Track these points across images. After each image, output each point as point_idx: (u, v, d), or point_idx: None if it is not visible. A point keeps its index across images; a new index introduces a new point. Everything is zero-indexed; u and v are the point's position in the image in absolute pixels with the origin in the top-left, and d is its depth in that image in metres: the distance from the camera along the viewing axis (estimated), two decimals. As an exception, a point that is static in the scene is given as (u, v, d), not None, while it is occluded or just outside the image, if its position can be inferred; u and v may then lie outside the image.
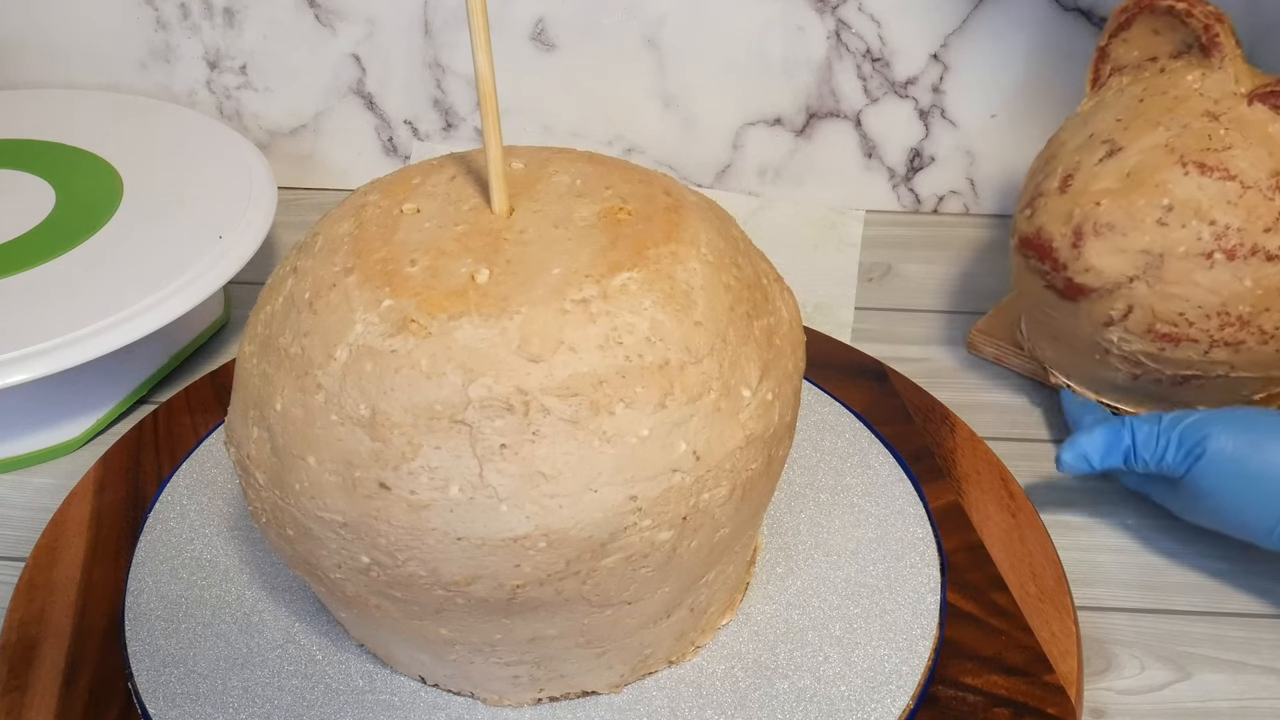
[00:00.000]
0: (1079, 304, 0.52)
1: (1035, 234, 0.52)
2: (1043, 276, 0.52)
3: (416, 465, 0.34)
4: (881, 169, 0.75)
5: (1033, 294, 0.54)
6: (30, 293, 0.56)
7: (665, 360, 0.35)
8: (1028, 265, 0.53)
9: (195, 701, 0.42)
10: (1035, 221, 0.53)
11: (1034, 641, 0.44)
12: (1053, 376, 0.57)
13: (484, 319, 0.34)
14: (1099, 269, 0.50)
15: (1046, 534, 0.49)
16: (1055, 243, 0.51)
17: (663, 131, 0.75)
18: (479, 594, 0.35)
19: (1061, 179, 0.52)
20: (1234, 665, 0.46)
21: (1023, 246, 0.53)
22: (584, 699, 0.42)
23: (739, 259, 0.39)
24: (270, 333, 0.38)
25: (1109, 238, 0.50)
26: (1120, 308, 0.51)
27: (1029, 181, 0.55)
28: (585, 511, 0.34)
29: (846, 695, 0.42)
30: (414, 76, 0.74)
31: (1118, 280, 0.50)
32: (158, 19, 0.74)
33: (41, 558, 0.48)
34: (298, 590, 0.46)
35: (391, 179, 0.41)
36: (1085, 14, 0.68)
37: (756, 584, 0.46)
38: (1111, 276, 0.50)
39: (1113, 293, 0.50)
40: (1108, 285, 0.50)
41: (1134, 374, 0.53)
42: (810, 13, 0.69)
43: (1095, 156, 0.52)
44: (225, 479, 0.51)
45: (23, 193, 0.63)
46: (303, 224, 0.73)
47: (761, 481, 0.38)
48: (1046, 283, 0.52)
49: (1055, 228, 0.51)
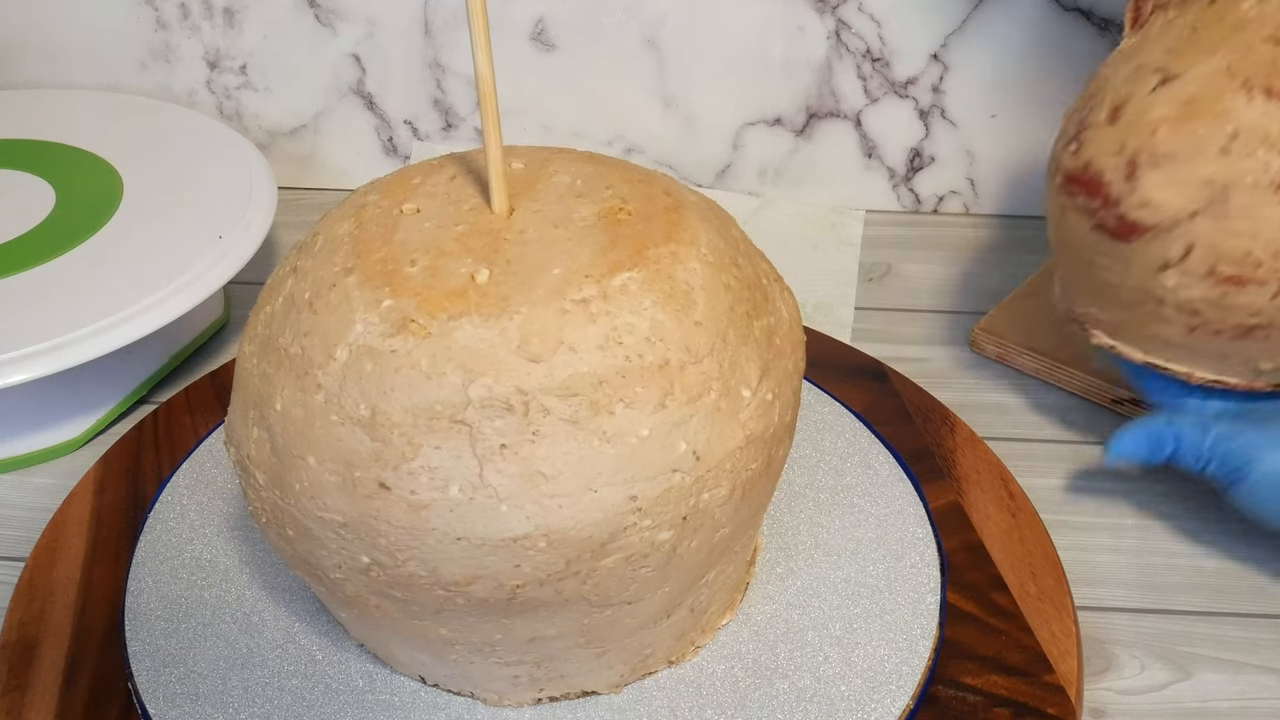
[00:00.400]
0: (1131, 245, 0.47)
1: (1083, 169, 0.48)
2: (1091, 216, 0.48)
3: (416, 465, 0.34)
4: (881, 169, 0.75)
5: (1076, 240, 0.50)
6: (30, 293, 0.56)
7: (665, 360, 0.35)
8: (1074, 205, 0.49)
9: (195, 701, 0.42)
10: (1083, 155, 0.48)
11: (1034, 641, 0.44)
12: (1094, 337, 0.52)
13: (484, 319, 0.34)
14: (1156, 203, 0.46)
15: (1046, 534, 0.49)
16: (1106, 176, 0.47)
17: (663, 131, 0.75)
18: (479, 594, 0.35)
19: (1110, 110, 0.48)
20: (1234, 665, 0.46)
21: (1068, 184, 0.49)
22: (584, 699, 0.42)
23: (739, 259, 0.39)
24: (270, 333, 0.38)
25: (1167, 169, 0.45)
26: (1179, 248, 0.46)
27: (1069, 120, 0.51)
28: (585, 511, 0.34)
29: (846, 695, 0.42)
30: (414, 76, 0.74)
31: (1176, 216, 0.46)
32: (158, 19, 0.74)
33: (41, 558, 0.48)
34: (298, 590, 0.46)
35: (391, 179, 0.41)
36: (1085, 14, 0.68)
37: (756, 584, 0.46)
38: (1170, 211, 0.46)
39: (1171, 230, 0.46)
40: (1165, 222, 0.46)
41: (1190, 326, 0.48)
42: (810, 13, 0.69)
43: (1147, 86, 0.47)
44: (225, 479, 0.51)
45: (23, 193, 0.63)
46: (303, 224, 0.73)
47: (761, 481, 0.38)
48: (1095, 223, 0.48)
49: (1106, 160, 0.47)
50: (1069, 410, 0.59)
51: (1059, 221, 0.51)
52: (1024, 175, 0.74)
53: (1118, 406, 0.58)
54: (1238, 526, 0.52)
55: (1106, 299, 0.50)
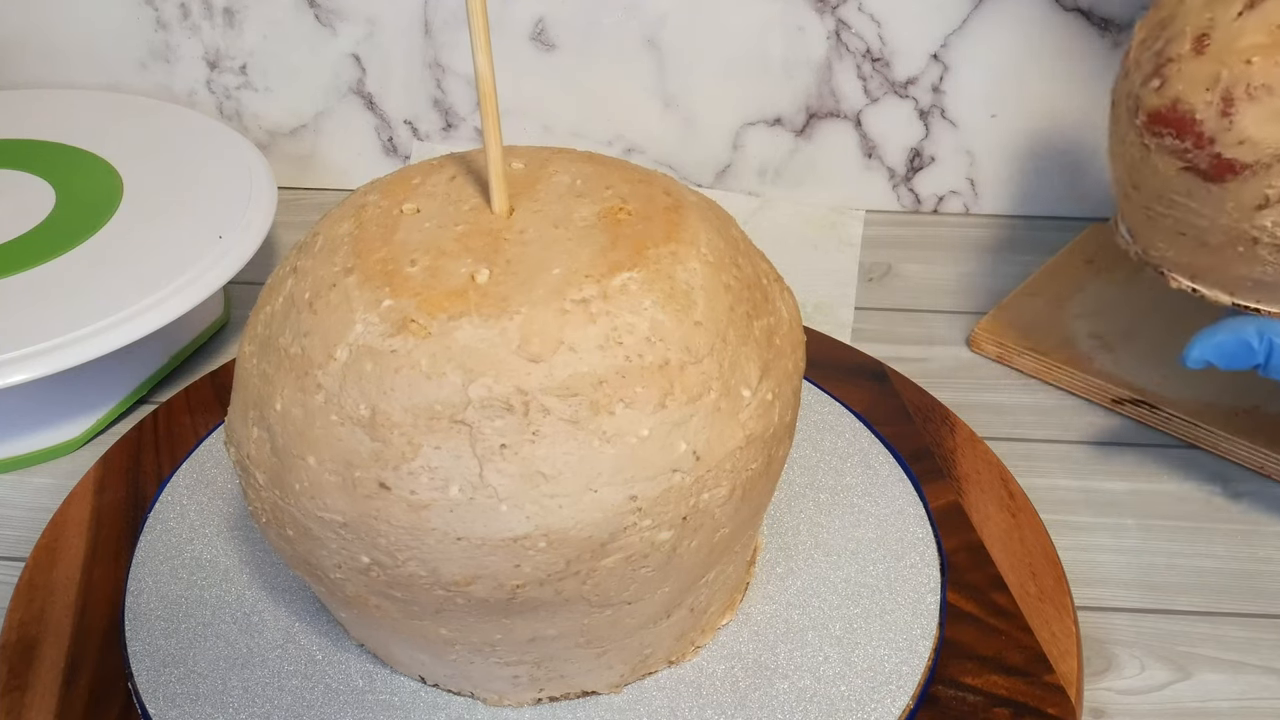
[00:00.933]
0: (1225, 186, 0.45)
1: (1170, 106, 0.45)
2: (1180, 157, 0.45)
3: (416, 465, 0.34)
4: (881, 169, 0.75)
5: (1159, 182, 0.47)
6: (30, 293, 0.56)
7: (665, 360, 0.35)
8: (1160, 146, 0.46)
9: (195, 701, 0.42)
10: (1168, 92, 0.45)
11: (1034, 641, 0.44)
12: (1173, 280, 0.50)
13: (484, 319, 0.34)
14: (1256, 139, 0.43)
15: (1046, 534, 0.49)
16: (1199, 114, 0.44)
17: (663, 131, 0.75)
18: (479, 594, 0.35)
19: (1194, 39, 0.45)
20: (1234, 665, 0.46)
21: (1153, 124, 0.46)
22: (584, 699, 0.42)
23: (739, 259, 0.39)
24: (270, 333, 0.38)
25: (1267, 101, 0.43)
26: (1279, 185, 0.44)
27: (1141, 53, 0.48)
28: (585, 511, 0.34)
29: (846, 695, 0.42)
30: (414, 76, 0.74)
31: (1278, 151, 0.43)
32: (158, 19, 0.74)
33: (41, 558, 0.48)
34: (298, 590, 0.46)
35: (391, 179, 0.41)
36: (1085, 14, 0.68)
37: (756, 584, 0.46)
38: (1271, 147, 0.43)
39: (1271, 167, 0.43)
40: (1265, 159, 0.43)
41: None
42: (810, 13, 0.69)
43: (1232, 11, 0.44)
44: (225, 479, 0.51)
45: (23, 193, 0.63)
46: (303, 224, 0.73)
47: (761, 481, 0.38)
48: (1185, 164, 0.45)
49: (1197, 96, 0.44)
50: (1069, 410, 0.59)
51: (1136, 163, 0.48)
52: (1024, 175, 0.74)
53: (1118, 406, 0.58)
54: (1238, 526, 0.52)
55: (1189, 241, 0.48)
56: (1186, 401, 0.56)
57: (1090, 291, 0.64)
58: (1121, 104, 0.49)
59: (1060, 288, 0.65)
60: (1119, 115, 0.49)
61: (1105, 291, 0.64)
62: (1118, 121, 0.49)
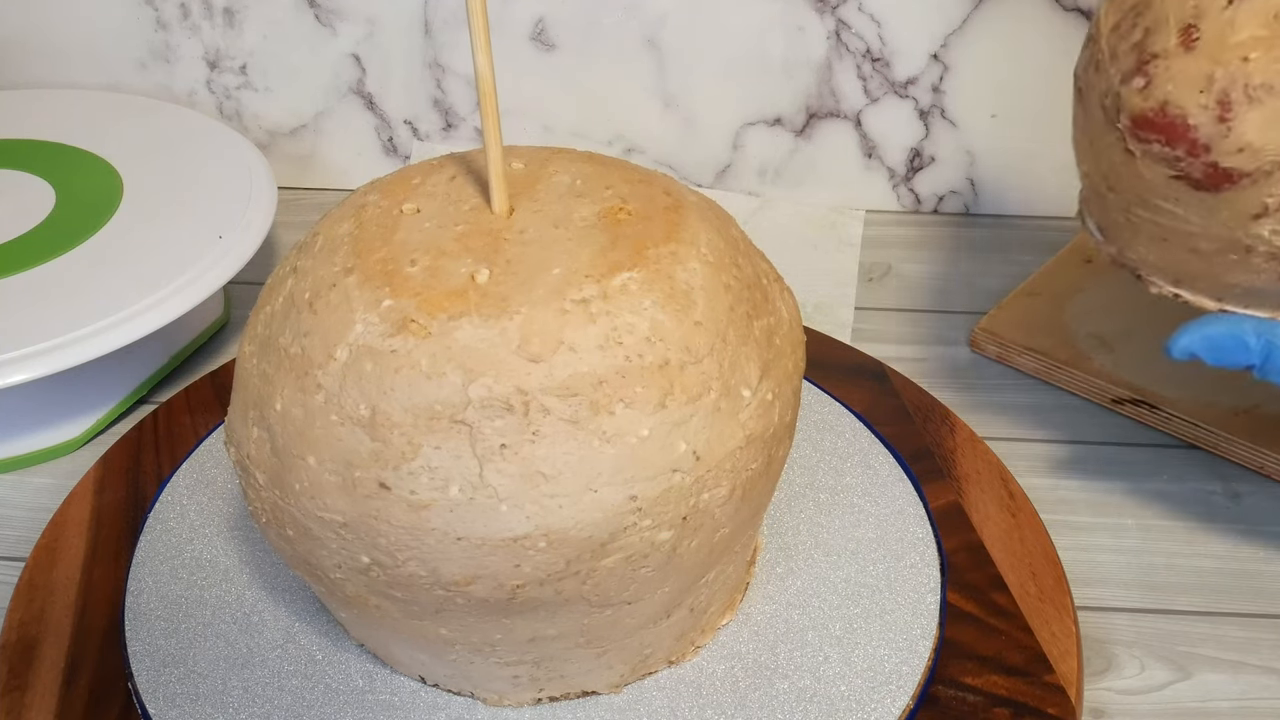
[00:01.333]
0: (1220, 195, 0.41)
1: (1159, 111, 0.41)
2: (1171, 165, 0.41)
3: (416, 465, 0.34)
4: (881, 169, 0.75)
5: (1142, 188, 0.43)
6: (30, 293, 0.56)
7: (665, 360, 0.35)
8: (1147, 154, 0.42)
9: (195, 701, 0.42)
10: (1156, 94, 0.41)
11: (1034, 641, 0.44)
12: (1153, 285, 0.46)
13: (484, 319, 0.34)
14: (1257, 146, 0.39)
15: (1046, 534, 0.49)
16: (1192, 119, 0.40)
17: (663, 131, 0.75)
18: (479, 594, 0.35)
19: (1181, 32, 0.40)
20: (1234, 665, 0.46)
21: (1138, 129, 0.42)
22: (584, 699, 0.42)
23: (739, 259, 0.39)
24: (270, 333, 0.38)
25: (1268, 103, 0.39)
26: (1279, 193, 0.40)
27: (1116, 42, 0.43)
28: (585, 511, 0.34)
29: (846, 695, 0.42)
30: (414, 76, 0.74)
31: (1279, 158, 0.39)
32: (158, 19, 0.74)
33: (41, 558, 0.48)
34: (298, 590, 0.46)
35: (391, 179, 0.41)
36: (1085, 14, 0.68)
37: (756, 584, 0.46)
38: (1272, 154, 0.39)
39: (1271, 175, 0.39)
40: (1266, 166, 0.39)
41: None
42: (810, 13, 0.69)
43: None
44: (225, 479, 0.51)
45: (23, 193, 0.63)
46: (303, 224, 0.73)
47: (761, 481, 0.38)
48: (1176, 172, 0.41)
49: (1189, 100, 0.40)
50: (1069, 410, 0.59)
51: (1116, 166, 0.44)
52: (1024, 175, 0.74)
53: (1118, 406, 0.58)
54: (1238, 526, 0.52)
55: (1174, 246, 0.44)
56: (1186, 401, 0.56)
57: (1090, 291, 0.64)
58: (1095, 100, 0.45)
59: (1060, 288, 0.65)
60: (1091, 111, 0.45)
61: (1105, 291, 0.64)
62: (1090, 118, 0.45)
